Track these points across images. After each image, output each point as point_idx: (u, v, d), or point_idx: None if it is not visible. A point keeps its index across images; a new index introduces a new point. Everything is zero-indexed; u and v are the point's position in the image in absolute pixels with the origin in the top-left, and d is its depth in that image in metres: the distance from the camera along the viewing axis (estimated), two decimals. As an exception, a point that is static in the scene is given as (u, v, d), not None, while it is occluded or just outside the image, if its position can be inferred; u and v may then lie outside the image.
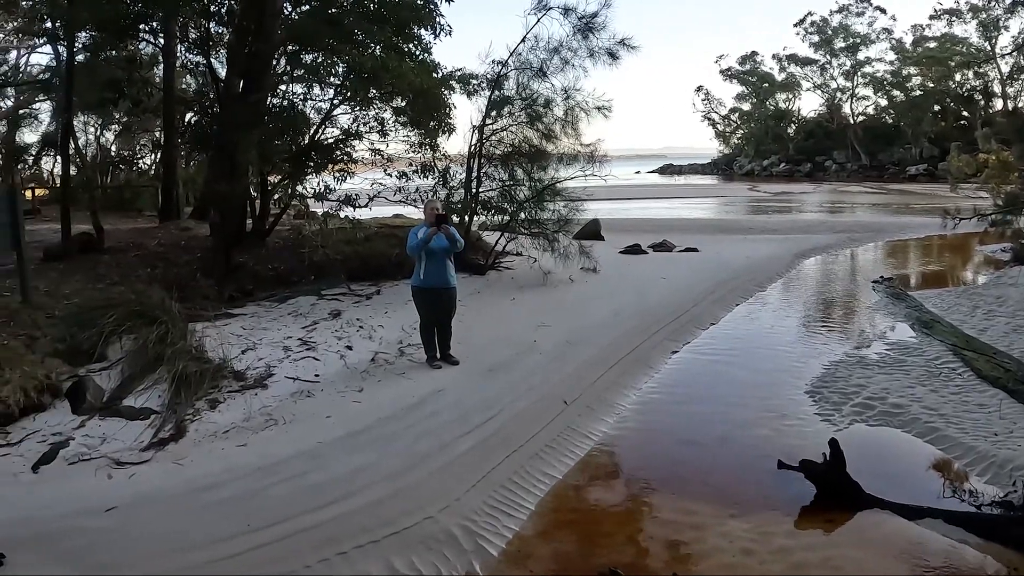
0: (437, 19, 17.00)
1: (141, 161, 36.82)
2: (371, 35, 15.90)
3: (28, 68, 33.29)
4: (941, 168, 52.78)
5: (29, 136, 35.37)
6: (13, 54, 32.88)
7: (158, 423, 7.52)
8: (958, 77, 66.17)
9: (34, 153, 35.54)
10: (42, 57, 34.29)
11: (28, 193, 29.30)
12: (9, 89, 32.83)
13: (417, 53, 16.95)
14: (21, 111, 33.18)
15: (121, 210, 27.63)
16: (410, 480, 6.41)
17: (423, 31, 16.99)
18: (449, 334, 9.86)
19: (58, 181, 27.94)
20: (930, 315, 12.89)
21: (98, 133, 34.77)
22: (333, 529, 5.62)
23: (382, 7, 16.10)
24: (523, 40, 16.51)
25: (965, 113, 66.98)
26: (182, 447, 7.02)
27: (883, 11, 71.70)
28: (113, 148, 35.83)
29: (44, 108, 32.91)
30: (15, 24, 28.86)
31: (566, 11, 16.25)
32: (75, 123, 21.95)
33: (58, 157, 24.71)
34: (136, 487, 6.18)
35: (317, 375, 9.18)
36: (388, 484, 6.31)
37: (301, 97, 17.12)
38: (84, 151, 32.23)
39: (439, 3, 17.06)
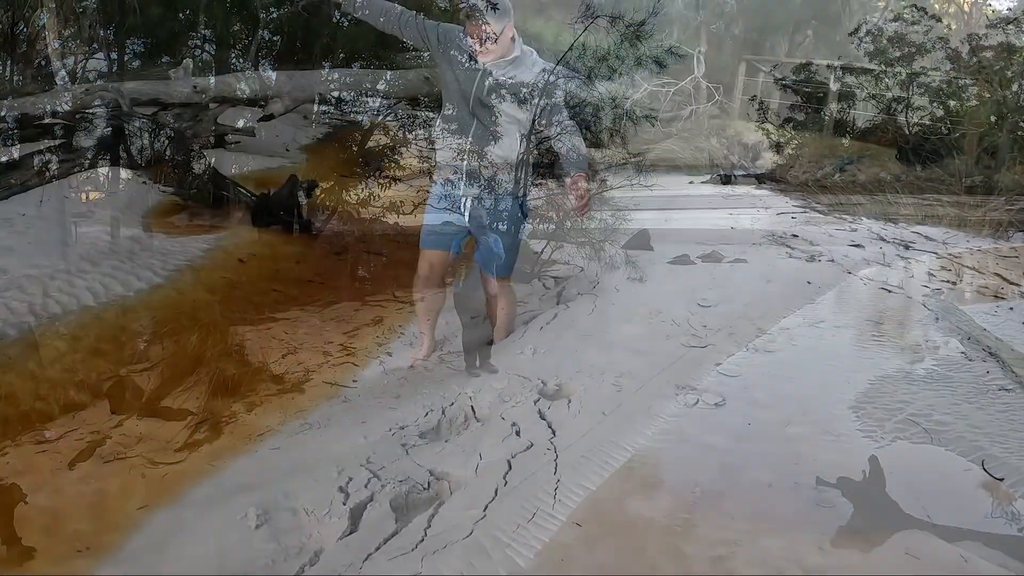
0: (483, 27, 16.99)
1: (196, 165, 37.36)
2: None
3: (85, 74, 34.03)
4: (997, 180, 51.75)
5: (85, 141, 36.14)
6: (71, 60, 33.68)
7: (194, 424, 7.60)
8: (1015, 87, 64.84)
9: (89, 157, 36.29)
10: (99, 63, 34.95)
11: (83, 196, 29.86)
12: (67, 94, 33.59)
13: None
14: (77, 116, 33.90)
15: (177, 213, 28.01)
16: (438, 487, 6.39)
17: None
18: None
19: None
20: (980, 329, 12.59)
21: (152, 137, 35.33)
22: (361, 534, 5.62)
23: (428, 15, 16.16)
24: (571, 48, 16.48)
25: (1022, 124, 65.61)
26: (216, 448, 7.09)
27: (939, 20, 70.55)
28: (167, 152, 36.35)
29: (99, 113, 33.62)
30: (71, 30, 29.53)
31: (613, 20, 16.16)
32: (128, 127, 22.31)
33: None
34: (168, 487, 6.24)
35: (355, 380, 9.21)
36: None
37: (349, 104, 17.23)
38: (139, 155, 32.82)
39: (484, 11, 17.07)
